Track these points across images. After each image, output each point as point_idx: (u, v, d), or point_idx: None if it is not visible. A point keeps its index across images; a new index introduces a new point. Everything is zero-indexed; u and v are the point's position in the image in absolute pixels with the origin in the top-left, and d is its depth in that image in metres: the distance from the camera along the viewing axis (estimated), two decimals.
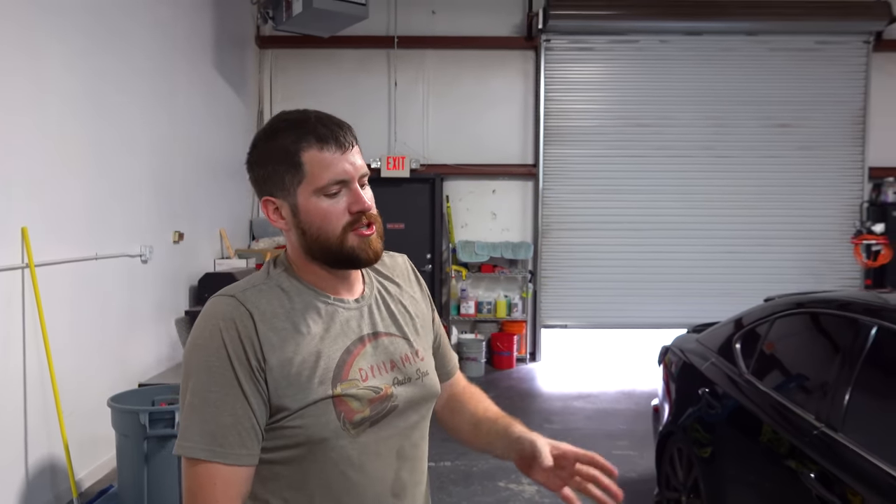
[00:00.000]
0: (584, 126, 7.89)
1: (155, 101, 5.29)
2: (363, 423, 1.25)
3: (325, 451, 1.23)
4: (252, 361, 1.20)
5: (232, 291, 1.27)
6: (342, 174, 1.25)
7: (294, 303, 1.28)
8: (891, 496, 1.98)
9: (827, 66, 7.87)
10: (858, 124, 7.89)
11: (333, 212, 1.26)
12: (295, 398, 1.21)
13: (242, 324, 1.21)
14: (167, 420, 3.54)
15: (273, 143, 1.28)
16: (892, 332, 2.35)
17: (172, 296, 5.58)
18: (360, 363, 1.28)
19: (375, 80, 7.99)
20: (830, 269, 7.89)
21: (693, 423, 3.30)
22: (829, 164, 7.92)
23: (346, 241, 1.27)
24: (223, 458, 1.17)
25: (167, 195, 5.49)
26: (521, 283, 7.99)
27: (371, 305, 1.37)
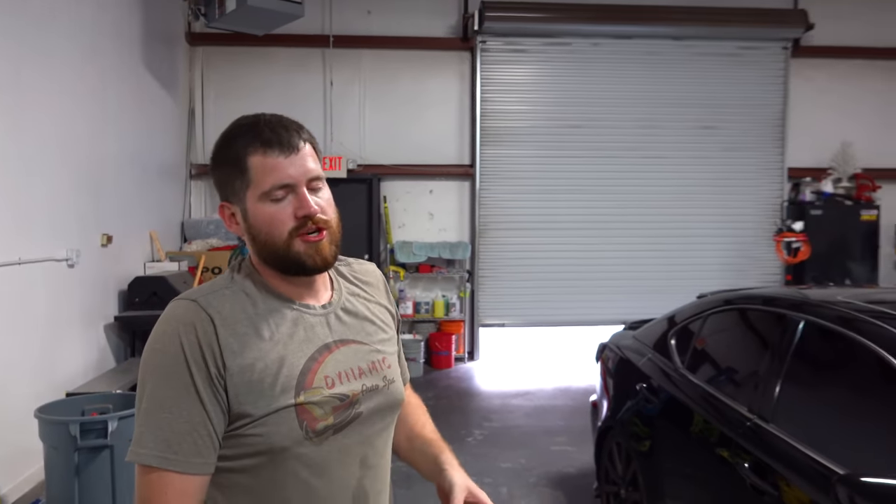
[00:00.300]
0: (520, 127, 8.00)
1: (81, 99, 5.08)
2: (326, 431, 1.24)
3: (286, 459, 1.21)
4: (211, 367, 1.17)
5: (193, 295, 1.25)
6: (286, 178, 1.24)
7: (258, 308, 1.26)
8: (819, 483, 2.09)
9: (748, 71, 8.20)
10: (778, 126, 8.26)
11: (279, 217, 1.24)
12: (256, 405, 1.19)
13: (202, 328, 1.19)
14: (99, 430, 3.41)
15: (226, 148, 1.27)
16: (818, 326, 2.47)
17: (101, 301, 5.37)
18: (326, 370, 1.27)
19: (311, 80, 7.90)
20: (753, 266, 8.24)
21: (631, 417, 3.40)
22: (751, 164, 8.26)
23: (293, 247, 1.25)
24: (176, 465, 1.14)
25: (95, 196, 5.28)
26: (459, 282, 8.03)
27: (339, 312, 1.35)
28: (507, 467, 4.60)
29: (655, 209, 8.13)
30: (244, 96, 7.69)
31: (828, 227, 7.75)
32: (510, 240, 8.01)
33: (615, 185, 8.08)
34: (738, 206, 8.24)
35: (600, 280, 8.07)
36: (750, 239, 8.23)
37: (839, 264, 7.81)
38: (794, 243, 7.48)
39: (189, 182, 7.70)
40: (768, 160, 8.28)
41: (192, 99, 7.75)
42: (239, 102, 7.61)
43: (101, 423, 3.41)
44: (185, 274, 6.28)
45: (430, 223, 8.08)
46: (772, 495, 2.24)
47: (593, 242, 8.06)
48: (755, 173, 8.27)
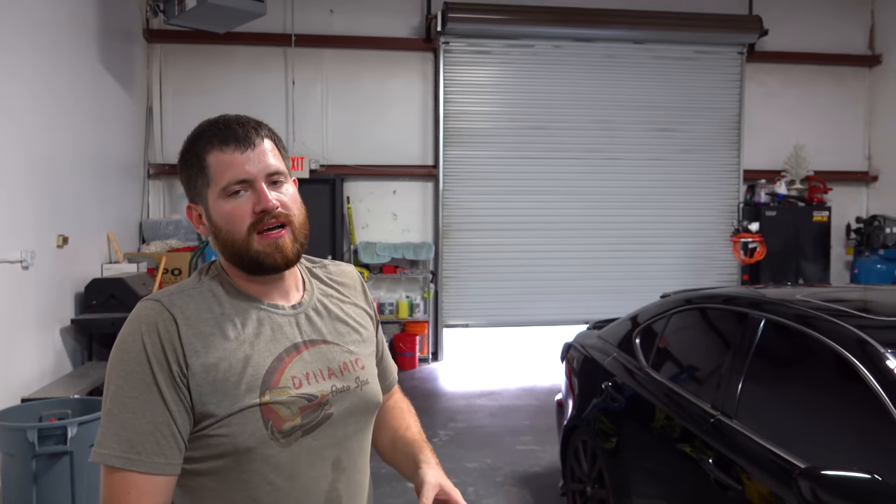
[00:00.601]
0: (483, 128, 8.04)
1: (36, 95, 4.93)
2: (294, 432, 1.23)
3: (251, 460, 1.20)
4: (173, 367, 1.17)
5: (158, 296, 1.25)
6: (242, 174, 1.24)
7: (224, 308, 1.26)
8: (781, 476, 2.15)
9: (705, 75, 8.38)
10: (734, 129, 8.45)
11: (237, 213, 1.24)
12: (220, 405, 1.18)
13: (165, 328, 1.18)
14: (58, 437, 3.33)
15: (188, 150, 1.28)
16: (778, 324, 2.54)
17: (57, 304, 5.23)
18: (294, 370, 1.26)
19: (272, 79, 7.81)
20: (711, 266, 8.43)
21: (597, 415, 3.44)
22: (708, 166, 8.44)
23: (252, 244, 1.24)
24: (139, 465, 1.14)
25: (50, 196, 5.14)
26: (423, 283, 8.04)
27: (309, 312, 1.35)
28: (474, 467, 4.62)
29: (616, 210, 8.25)
30: (204, 95, 7.57)
31: (782, 227, 7.97)
32: (474, 240, 8.05)
33: (576, 186, 8.17)
34: (696, 208, 8.41)
35: (562, 280, 8.16)
36: (707, 239, 8.41)
37: (793, 264, 8.03)
38: (751, 244, 7.66)
39: (147, 182, 7.55)
40: (725, 162, 8.47)
41: (150, 97, 7.60)
42: (198, 101, 7.50)
43: (60, 429, 3.33)
44: (144, 275, 6.15)
45: (393, 224, 8.06)
46: (735, 489, 2.30)
47: (555, 243, 8.14)
48: (712, 175, 8.45)
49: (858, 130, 8.84)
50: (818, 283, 7.90)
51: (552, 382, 6.71)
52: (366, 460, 1.40)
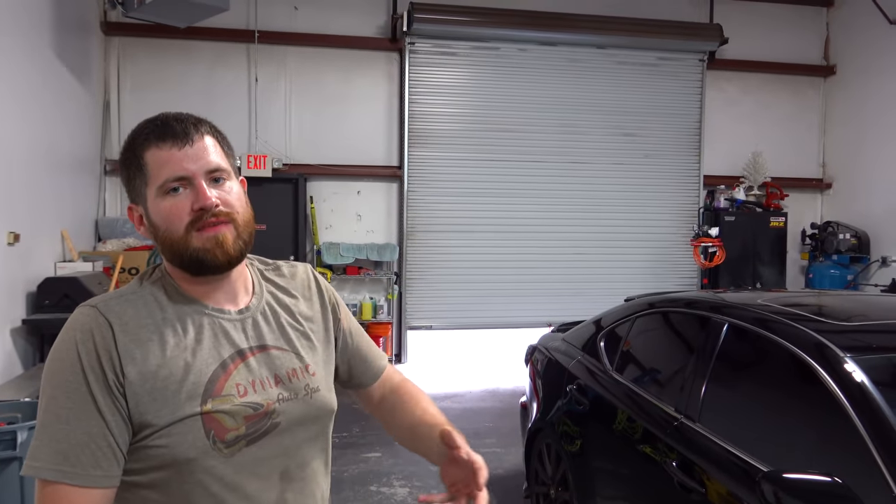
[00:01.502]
0: (448, 129, 8.03)
1: None
2: (237, 442, 1.19)
3: (193, 472, 1.16)
4: (109, 375, 1.12)
5: (94, 302, 1.20)
6: (180, 171, 1.19)
7: (166, 313, 1.21)
8: (743, 479, 2.17)
9: (667, 81, 8.51)
10: (695, 135, 8.59)
11: (174, 211, 1.19)
12: (159, 414, 1.14)
13: (100, 335, 1.14)
14: (7, 441, 3.20)
15: (127, 149, 1.24)
16: (740, 329, 2.58)
17: (7, 304, 5.05)
18: (238, 378, 1.22)
19: (234, 75, 7.69)
20: (672, 270, 8.55)
21: (561, 418, 3.45)
22: (670, 171, 8.57)
23: (191, 242, 1.19)
24: (73, 478, 1.09)
25: (1, 192, 4.97)
26: (387, 284, 7.99)
27: (256, 317, 1.30)
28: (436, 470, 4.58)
29: (578, 213, 8.32)
30: (163, 90, 7.41)
31: (740, 232, 8.13)
32: (438, 242, 8.03)
33: (540, 189, 8.21)
34: (658, 212, 8.52)
35: (526, 283, 8.19)
36: (668, 243, 8.53)
37: (751, 268, 8.20)
38: (710, 248, 7.79)
39: (104, 178, 7.36)
40: (686, 167, 8.60)
41: (107, 91, 7.42)
42: (158, 95, 7.34)
43: (9, 434, 3.20)
44: (100, 275, 5.99)
45: (357, 224, 8.00)
46: (698, 492, 2.31)
47: (519, 245, 8.17)
48: (673, 180, 8.57)
49: (813, 139, 9.07)
50: (775, 287, 8.07)
51: (515, 384, 6.73)
52: (319, 468, 1.35)
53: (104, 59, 7.40)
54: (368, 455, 4.86)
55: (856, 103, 8.55)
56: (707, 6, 8.61)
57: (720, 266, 7.93)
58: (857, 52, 8.53)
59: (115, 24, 7.32)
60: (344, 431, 5.21)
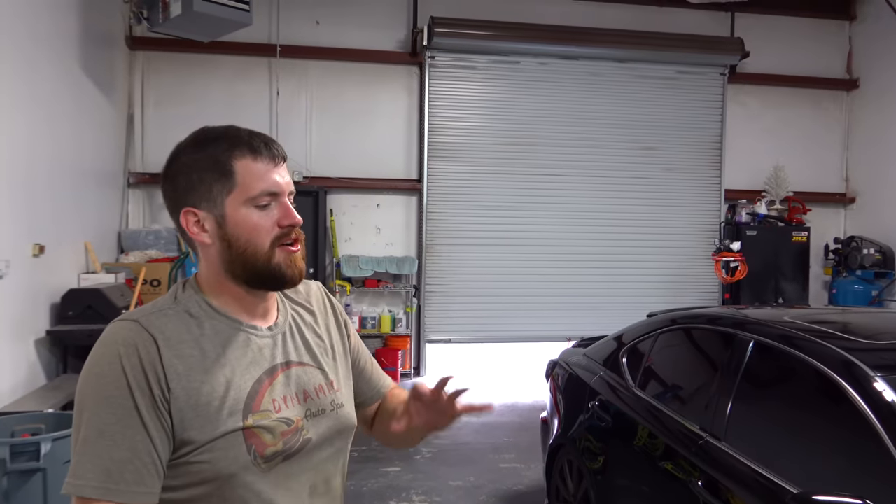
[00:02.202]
0: (467, 143, 8.04)
1: (13, 100, 4.84)
2: (275, 458, 1.20)
3: (233, 487, 1.16)
4: (155, 391, 1.12)
5: (135, 316, 1.20)
6: (274, 186, 1.23)
7: (203, 329, 1.22)
8: (770, 501, 2.13)
9: (688, 95, 8.47)
10: (716, 149, 8.54)
11: (263, 224, 1.22)
12: (202, 430, 1.14)
13: (145, 350, 1.14)
14: (31, 453, 3.23)
15: (201, 153, 1.23)
16: (767, 346, 2.54)
17: (32, 314, 5.10)
18: (273, 393, 1.23)
19: (256, 89, 7.76)
20: (692, 284, 8.47)
21: (583, 435, 3.41)
22: (690, 185, 8.51)
23: (274, 257, 1.22)
24: (118, 496, 1.09)
25: (27, 204, 5.03)
26: (406, 297, 7.99)
27: (285, 333, 1.32)
28: (457, 485, 4.57)
29: (598, 227, 8.28)
30: (186, 104, 7.49)
31: (762, 247, 8.04)
32: (457, 255, 8.02)
33: (559, 203, 8.19)
34: (678, 226, 8.46)
35: (545, 296, 8.14)
36: (689, 258, 8.46)
37: (773, 283, 8.10)
38: (732, 263, 7.71)
39: (127, 191, 7.44)
40: (706, 181, 8.54)
41: (131, 104, 7.52)
42: (181, 109, 7.42)
43: (32, 445, 3.23)
44: (123, 286, 6.04)
45: (376, 237, 8.02)
46: None
47: (538, 259, 8.13)
48: (694, 194, 8.51)
49: (836, 153, 8.98)
50: (798, 302, 7.97)
51: (535, 399, 6.68)
52: (340, 483, 1.37)
53: (129, 73, 7.50)
54: (388, 469, 4.84)
55: (880, 117, 8.45)
56: (728, 20, 8.57)
57: (742, 281, 7.85)
58: (881, 66, 8.45)
59: (139, 38, 7.43)
60: (363, 445, 5.20)
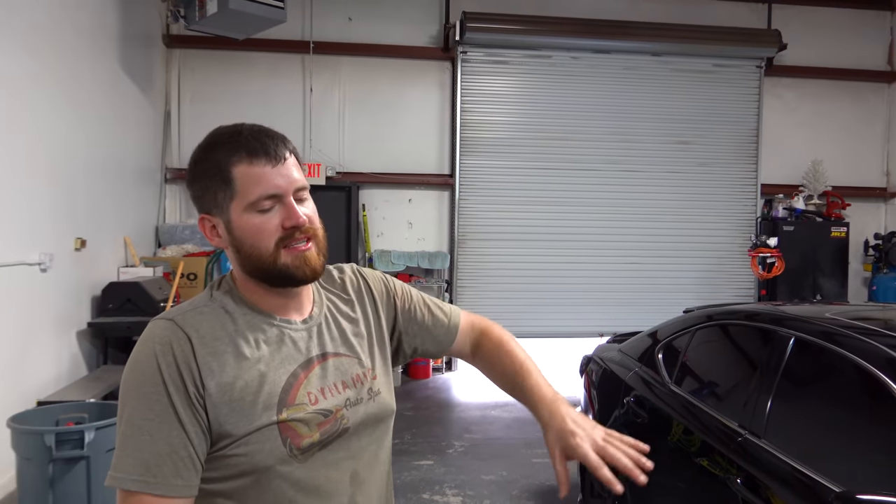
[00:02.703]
0: (499, 138, 8.02)
1: (55, 98, 4.96)
2: (312, 448, 1.22)
3: (271, 479, 1.19)
4: (189, 387, 1.15)
5: (171, 314, 1.23)
6: (273, 189, 1.21)
7: (238, 325, 1.24)
8: (811, 499, 2.10)
9: (724, 88, 8.34)
10: (752, 143, 8.40)
11: (266, 228, 1.22)
12: (238, 425, 1.17)
13: (180, 348, 1.17)
14: (75, 441, 3.32)
15: (207, 159, 1.24)
16: (809, 343, 2.50)
17: (74, 307, 5.24)
18: (309, 386, 1.25)
19: (290, 85, 7.83)
20: (727, 280, 8.36)
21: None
22: (726, 180, 8.39)
23: (279, 259, 1.22)
24: (155, 488, 1.12)
25: (69, 199, 5.16)
26: (438, 292, 8.00)
27: (321, 325, 1.33)
28: (490, 479, 4.58)
29: (632, 222, 8.21)
30: (221, 100, 7.60)
31: (799, 243, 7.90)
32: (489, 250, 8.02)
33: (593, 198, 8.14)
34: (713, 221, 8.35)
35: (577, 292, 8.11)
36: (724, 253, 8.35)
37: (810, 279, 7.96)
38: (769, 259, 7.59)
39: (164, 186, 7.57)
40: (742, 176, 8.41)
41: (168, 102, 7.64)
42: (216, 106, 7.53)
43: (77, 434, 3.32)
44: (161, 280, 6.16)
45: (408, 232, 8.05)
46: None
47: (571, 254, 8.10)
48: (730, 189, 8.39)
49: (877, 146, 8.78)
50: (836, 299, 7.82)
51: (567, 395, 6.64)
52: (383, 470, 1.38)
53: (165, 70, 7.63)
54: (420, 463, 4.87)
55: None
56: (765, 12, 8.43)
57: (778, 277, 7.72)
58: None
59: (176, 36, 7.54)
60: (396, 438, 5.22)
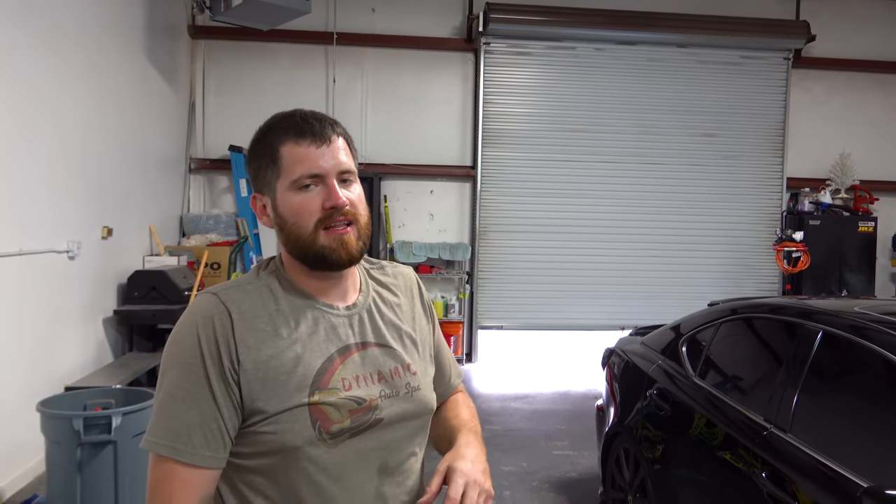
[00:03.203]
0: (522, 129, 7.99)
1: (84, 87, 5.02)
2: (342, 434, 1.22)
3: (298, 460, 1.19)
4: (225, 362, 1.17)
5: (216, 289, 1.25)
6: (315, 168, 1.23)
7: (279, 304, 1.25)
8: (839, 494, 2.08)
9: (750, 80, 8.23)
10: (778, 136, 8.29)
11: (306, 207, 1.23)
12: (269, 402, 1.18)
13: (220, 323, 1.19)
14: (103, 426, 3.37)
15: (261, 140, 1.28)
16: (837, 337, 2.47)
17: (100, 294, 5.31)
18: (344, 372, 1.25)
19: (313, 76, 7.86)
20: (750, 275, 8.27)
21: (640, 423, 3.38)
22: (751, 173, 8.29)
23: (318, 240, 1.23)
24: (183, 456, 1.15)
25: (96, 188, 5.23)
26: (458, 284, 8.01)
27: (363, 314, 1.33)
28: (510, 471, 4.58)
29: (654, 215, 8.14)
30: (245, 91, 7.65)
31: (825, 237, 7.79)
32: (510, 242, 8.00)
33: (615, 190, 8.08)
34: (737, 215, 8.26)
35: (599, 285, 8.07)
36: (748, 247, 8.26)
37: (836, 274, 7.85)
38: (794, 253, 7.50)
39: (188, 176, 7.64)
40: (768, 169, 8.31)
41: (192, 92, 7.70)
42: (240, 97, 7.58)
43: (104, 419, 3.36)
44: (185, 268, 6.22)
45: (430, 224, 8.05)
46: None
47: (593, 247, 8.05)
48: (754, 182, 8.30)
49: None
50: (863, 294, 7.70)
51: (587, 387, 6.65)
52: (415, 465, 1.36)
53: (191, 62, 7.68)
54: None
55: None
56: (793, 3, 8.29)
57: (804, 272, 7.62)
58: None
59: (201, 27, 7.59)
60: None
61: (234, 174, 7.45)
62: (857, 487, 1.99)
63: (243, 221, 7.43)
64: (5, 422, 3.96)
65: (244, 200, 7.41)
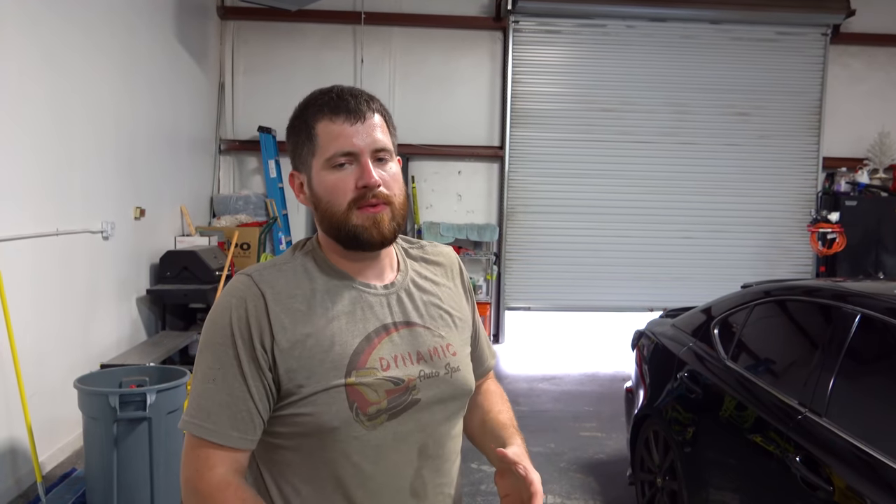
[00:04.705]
0: (551, 109, 7.91)
1: (115, 68, 5.06)
2: (379, 415, 1.20)
3: (336, 440, 1.18)
4: (256, 343, 1.16)
5: (251, 270, 1.25)
6: (349, 146, 1.21)
7: (315, 284, 1.24)
8: (874, 479, 2.05)
9: (786, 57, 8.04)
10: (815, 115, 8.10)
11: (340, 186, 1.21)
12: (306, 382, 1.17)
13: (253, 304, 1.18)
14: (138, 403, 3.43)
15: (299, 117, 1.27)
16: (876, 320, 2.42)
17: (134, 274, 5.40)
18: (382, 352, 1.23)
19: (341, 56, 7.85)
20: (784, 256, 8.14)
21: (670, 405, 3.36)
22: (786, 153, 8.12)
23: (350, 219, 1.21)
24: (211, 435, 1.15)
25: (129, 169, 5.29)
26: (486, 265, 8.00)
27: (401, 293, 1.31)
28: (538, 451, 4.59)
29: (686, 196, 8.03)
30: (274, 72, 7.66)
31: (862, 218, 7.61)
32: (538, 223, 7.95)
33: (646, 171, 7.98)
34: (771, 195, 8.11)
35: (628, 266, 8.00)
36: (782, 228, 8.11)
37: (873, 256, 7.68)
38: (830, 234, 7.35)
39: (218, 157, 7.70)
40: (803, 149, 8.13)
41: (222, 73, 7.74)
42: (269, 77, 7.60)
43: (139, 396, 3.42)
44: (215, 248, 6.30)
45: (457, 204, 8.03)
46: (825, 490, 2.20)
47: (622, 228, 7.98)
48: (789, 162, 8.13)
49: None
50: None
51: (616, 369, 6.62)
52: (454, 448, 1.34)
53: (220, 42, 7.71)
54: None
55: None
56: None
57: (839, 254, 7.47)
58: None
59: (230, 8, 7.61)
60: None
61: (264, 155, 7.49)
62: (894, 472, 1.96)
63: (272, 202, 7.48)
64: (46, 398, 4.06)
65: (273, 181, 7.45)
